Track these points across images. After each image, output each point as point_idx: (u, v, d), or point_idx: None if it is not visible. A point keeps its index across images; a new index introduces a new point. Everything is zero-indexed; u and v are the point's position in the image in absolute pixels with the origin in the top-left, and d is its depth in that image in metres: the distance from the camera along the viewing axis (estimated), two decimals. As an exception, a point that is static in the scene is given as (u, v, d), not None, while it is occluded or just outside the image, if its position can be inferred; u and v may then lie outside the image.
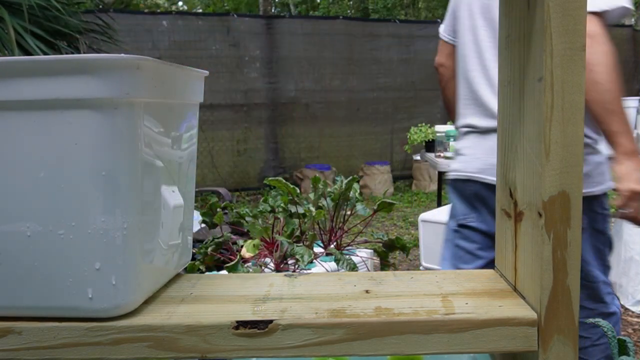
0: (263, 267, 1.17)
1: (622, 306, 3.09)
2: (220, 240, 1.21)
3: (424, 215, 2.64)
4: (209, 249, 1.19)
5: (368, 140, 7.54)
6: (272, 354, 0.50)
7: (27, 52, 3.11)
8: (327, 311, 0.52)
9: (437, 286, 0.59)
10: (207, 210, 1.24)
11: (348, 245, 1.26)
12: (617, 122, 1.39)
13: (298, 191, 1.19)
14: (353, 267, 1.09)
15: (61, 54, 3.33)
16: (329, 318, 0.50)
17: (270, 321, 0.50)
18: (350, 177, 1.18)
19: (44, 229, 0.49)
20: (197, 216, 1.45)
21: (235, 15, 7.06)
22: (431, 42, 7.53)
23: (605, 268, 1.54)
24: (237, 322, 0.50)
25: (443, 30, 1.83)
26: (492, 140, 1.52)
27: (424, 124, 4.24)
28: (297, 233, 1.23)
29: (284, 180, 1.17)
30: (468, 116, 1.64)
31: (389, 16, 12.04)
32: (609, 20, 1.41)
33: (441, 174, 4.24)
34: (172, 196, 0.60)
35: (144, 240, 0.53)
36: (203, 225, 1.30)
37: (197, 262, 1.18)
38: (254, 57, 7.03)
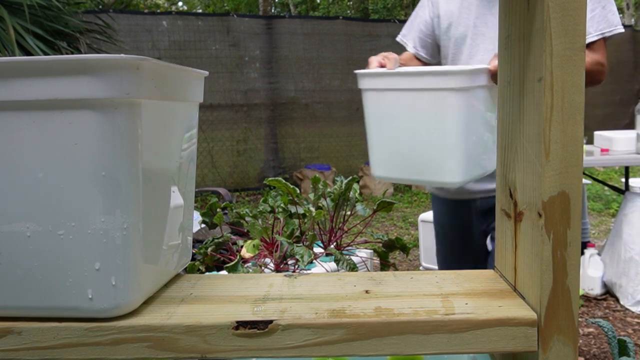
0: (263, 268, 1.18)
1: (622, 306, 3.09)
2: (220, 240, 1.21)
3: (423, 216, 2.63)
4: (209, 249, 1.19)
5: (368, 141, 7.53)
6: (272, 354, 0.50)
7: (27, 52, 3.11)
8: (327, 311, 0.52)
9: (437, 286, 0.59)
10: (207, 210, 1.24)
11: (348, 246, 1.26)
12: None
13: (298, 191, 1.19)
14: (353, 267, 1.09)
15: (61, 54, 3.34)
16: (329, 318, 0.50)
17: (270, 321, 0.50)
18: (350, 177, 1.18)
19: (43, 229, 0.49)
20: (197, 216, 1.45)
21: (235, 16, 7.05)
22: (431, 42, 7.52)
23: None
24: (237, 322, 0.50)
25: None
26: None
27: (423, 124, 4.23)
28: (297, 233, 1.23)
29: (283, 181, 1.17)
30: None
31: (389, 16, 12.04)
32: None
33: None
34: (172, 196, 0.60)
35: (144, 240, 0.53)
36: (203, 225, 1.30)
37: (197, 262, 1.18)
38: (253, 57, 7.02)
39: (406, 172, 1.01)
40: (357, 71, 1.03)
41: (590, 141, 3.63)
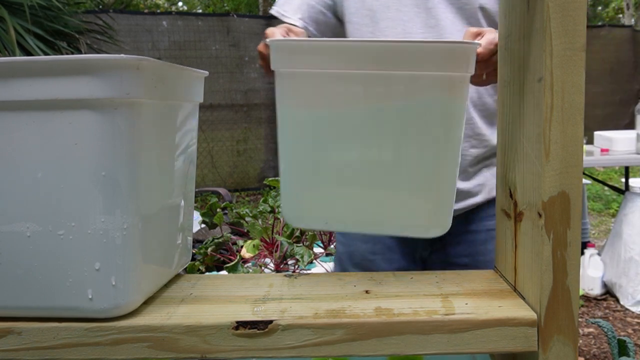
0: (263, 267, 1.18)
1: (622, 306, 3.09)
2: (220, 240, 1.21)
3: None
4: (209, 249, 1.19)
5: (368, 141, 7.53)
6: (272, 354, 0.50)
7: (27, 52, 3.11)
8: (326, 311, 0.52)
9: (437, 286, 0.59)
10: (207, 210, 1.24)
11: (348, 246, 1.25)
12: None
13: (298, 191, 1.18)
14: (353, 268, 1.09)
15: (61, 54, 3.34)
16: (329, 318, 0.50)
17: (270, 321, 0.50)
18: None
19: (43, 229, 0.49)
20: (197, 216, 1.46)
21: (235, 16, 7.05)
22: (431, 42, 7.52)
23: None
24: (237, 322, 0.50)
25: None
26: None
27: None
28: (297, 233, 1.23)
29: (283, 181, 1.17)
30: None
31: (389, 16, 12.00)
32: None
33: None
34: (172, 196, 0.60)
35: (144, 240, 0.53)
36: (203, 225, 1.30)
37: (197, 262, 1.18)
38: (254, 57, 7.02)
39: (352, 219, 0.62)
40: (271, 40, 0.60)
41: (590, 141, 3.63)
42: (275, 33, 0.92)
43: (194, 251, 1.20)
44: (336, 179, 0.61)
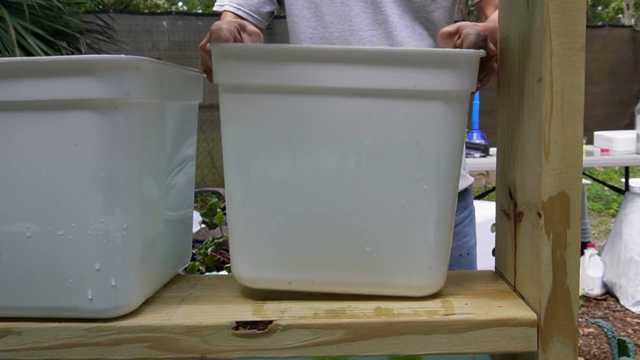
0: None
1: (622, 306, 3.09)
2: (220, 240, 1.21)
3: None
4: (209, 249, 1.19)
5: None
6: (271, 354, 0.50)
7: (27, 52, 3.11)
8: (326, 311, 0.52)
9: (437, 286, 0.59)
10: (207, 210, 1.24)
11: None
12: None
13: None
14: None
15: (62, 54, 3.34)
16: (329, 318, 0.50)
17: (270, 321, 0.50)
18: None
19: (43, 230, 0.49)
20: (197, 216, 1.46)
21: (235, 16, 7.05)
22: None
23: None
24: (237, 322, 0.50)
25: None
26: None
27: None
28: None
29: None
30: None
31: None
32: None
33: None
34: (172, 197, 0.60)
35: (144, 240, 0.53)
36: (203, 225, 1.30)
37: (197, 262, 1.18)
38: (254, 57, 7.02)
39: (322, 278, 0.53)
40: (212, 44, 0.51)
41: (590, 141, 3.63)
42: (221, 29, 0.59)
43: (194, 251, 1.20)
44: (301, 229, 0.51)
